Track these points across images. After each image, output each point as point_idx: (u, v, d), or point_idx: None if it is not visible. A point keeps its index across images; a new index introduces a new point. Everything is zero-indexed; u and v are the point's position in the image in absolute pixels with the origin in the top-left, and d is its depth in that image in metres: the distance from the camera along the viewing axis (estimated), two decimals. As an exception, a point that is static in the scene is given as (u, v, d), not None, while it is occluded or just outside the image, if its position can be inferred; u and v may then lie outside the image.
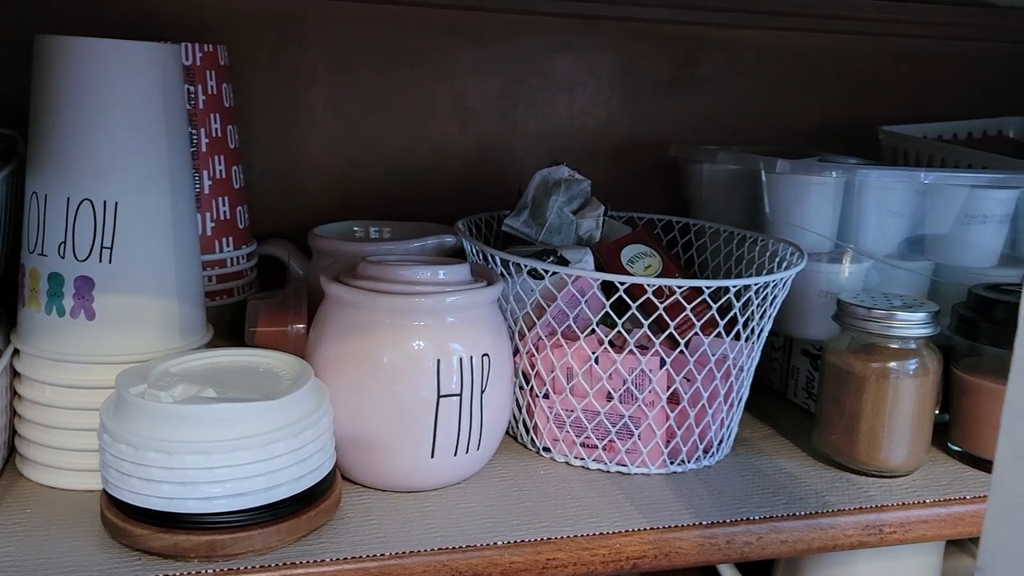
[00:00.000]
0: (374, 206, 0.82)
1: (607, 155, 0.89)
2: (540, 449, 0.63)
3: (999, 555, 0.30)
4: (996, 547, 0.30)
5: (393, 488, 0.56)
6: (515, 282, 0.61)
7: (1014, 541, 0.29)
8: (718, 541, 0.55)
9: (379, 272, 0.56)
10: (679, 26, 0.88)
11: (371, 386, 0.54)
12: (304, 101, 0.80)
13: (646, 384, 0.59)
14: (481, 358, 0.55)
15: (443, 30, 0.82)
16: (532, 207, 0.70)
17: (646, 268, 0.69)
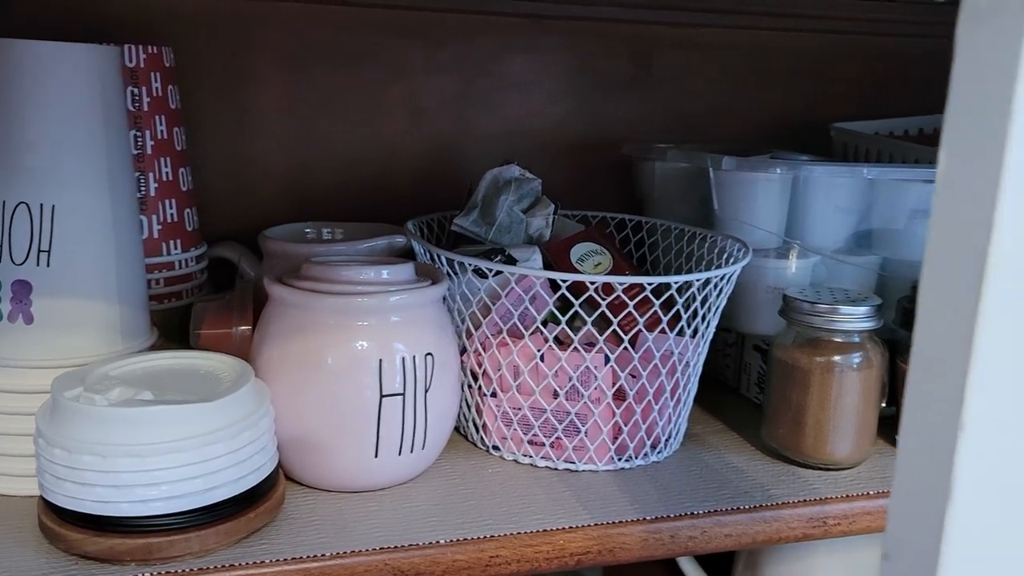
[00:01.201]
0: (328, 207, 0.82)
1: (562, 154, 0.89)
2: (489, 447, 0.63)
3: (904, 542, 0.30)
4: (900, 535, 0.31)
5: (338, 488, 0.56)
6: (461, 281, 0.61)
7: (917, 529, 0.30)
8: (662, 536, 0.56)
9: (322, 273, 0.56)
10: (633, 25, 0.88)
11: (313, 387, 0.54)
12: (255, 103, 0.80)
13: (591, 381, 0.59)
14: (425, 357, 0.55)
15: (395, 31, 0.82)
16: (482, 206, 0.70)
17: (596, 266, 0.69)
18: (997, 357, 0.27)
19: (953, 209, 0.27)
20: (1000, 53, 0.26)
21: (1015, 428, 0.28)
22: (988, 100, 0.26)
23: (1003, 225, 0.26)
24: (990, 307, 0.27)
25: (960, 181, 0.27)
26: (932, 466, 0.29)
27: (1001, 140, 0.26)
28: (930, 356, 0.29)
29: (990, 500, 0.29)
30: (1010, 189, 0.26)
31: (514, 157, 0.76)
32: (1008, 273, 0.27)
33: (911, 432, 0.30)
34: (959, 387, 0.28)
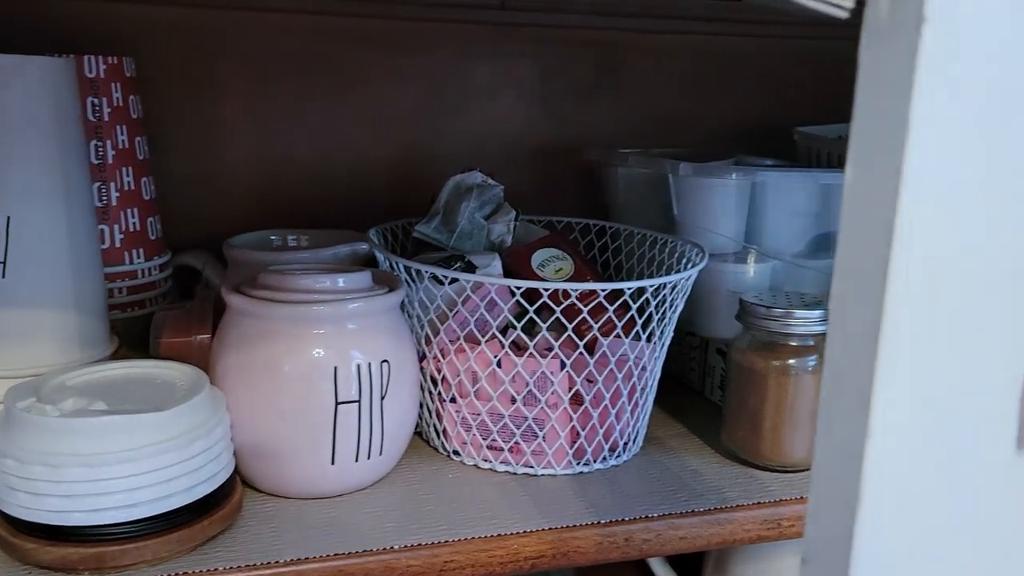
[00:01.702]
0: (296, 215, 0.83)
1: (528, 160, 0.90)
2: (450, 453, 0.64)
3: (822, 546, 0.31)
4: (818, 538, 0.31)
5: (295, 495, 0.57)
6: (418, 288, 0.61)
7: (834, 533, 0.30)
8: (616, 539, 0.56)
9: (278, 282, 0.57)
10: (598, 31, 0.89)
11: (269, 394, 0.54)
12: (222, 112, 0.80)
13: (548, 386, 0.60)
14: (381, 364, 0.56)
15: (361, 39, 0.83)
16: (444, 213, 0.71)
17: (557, 272, 0.69)
18: (900, 365, 0.28)
19: (857, 222, 0.28)
20: (897, 69, 0.26)
21: (920, 435, 0.29)
22: (887, 115, 0.27)
23: (903, 237, 0.27)
24: (892, 317, 0.28)
25: (864, 194, 0.28)
26: (842, 472, 0.29)
27: (899, 154, 0.27)
28: (839, 365, 0.30)
29: (897, 505, 0.29)
30: (909, 202, 0.27)
31: (481, 163, 0.76)
32: (908, 283, 0.27)
33: (823, 439, 0.30)
34: (866, 394, 0.28)
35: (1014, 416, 0.30)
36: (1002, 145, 0.27)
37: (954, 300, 0.28)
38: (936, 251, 0.27)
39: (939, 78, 0.26)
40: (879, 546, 0.29)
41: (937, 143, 0.26)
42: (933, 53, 0.26)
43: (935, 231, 0.27)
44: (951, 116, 0.26)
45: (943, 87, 0.26)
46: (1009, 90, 0.27)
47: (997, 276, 0.28)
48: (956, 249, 0.28)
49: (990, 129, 0.27)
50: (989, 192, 0.27)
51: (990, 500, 0.30)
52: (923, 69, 0.26)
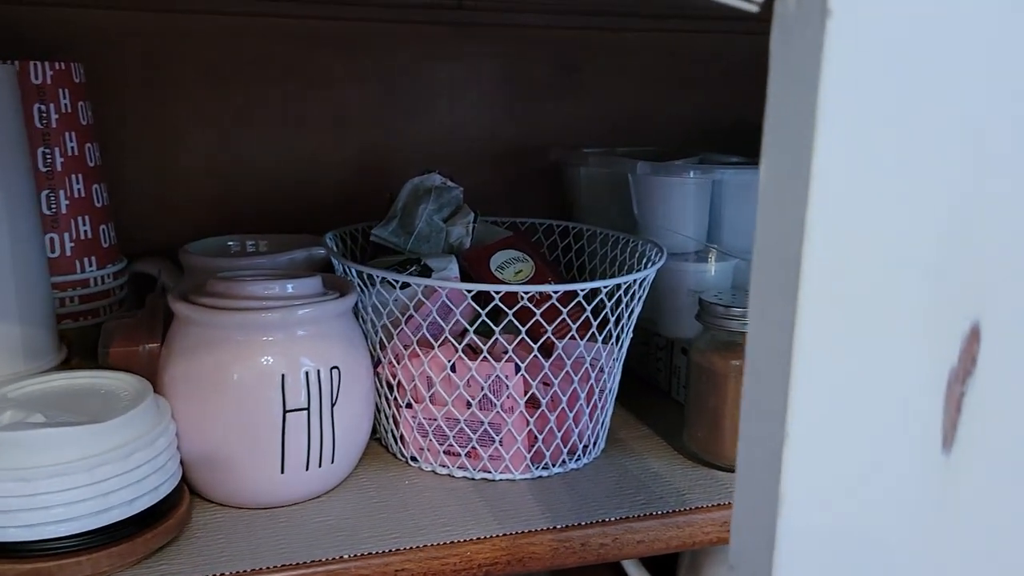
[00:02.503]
0: (254, 220, 0.82)
1: (491, 162, 0.89)
2: (408, 459, 0.63)
3: (746, 553, 0.30)
4: (742, 545, 0.31)
5: (246, 505, 0.56)
6: (372, 293, 0.61)
7: (757, 540, 0.30)
8: (572, 544, 0.55)
9: (225, 288, 0.56)
10: (559, 31, 0.88)
11: (217, 403, 0.53)
12: (177, 117, 0.79)
13: (503, 390, 0.59)
14: (330, 371, 0.55)
15: (317, 41, 0.82)
16: (402, 216, 0.70)
17: (517, 273, 0.69)
18: (816, 365, 0.27)
19: (770, 219, 0.28)
20: (804, 62, 0.26)
21: (841, 437, 0.28)
22: (796, 109, 0.26)
23: (814, 233, 0.26)
24: (806, 317, 0.27)
25: (776, 190, 0.27)
26: (763, 477, 0.29)
27: (808, 148, 0.26)
28: (757, 366, 0.29)
29: (820, 508, 0.29)
30: (819, 198, 0.26)
31: (443, 165, 0.76)
32: (821, 279, 0.27)
33: (744, 444, 0.30)
34: (782, 396, 0.28)
35: (939, 416, 0.29)
36: (913, 137, 0.26)
37: (871, 297, 0.27)
38: (849, 246, 0.27)
39: (845, 71, 0.25)
40: (802, 552, 0.29)
41: (845, 136, 0.26)
42: (838, 46, 0.25)
43: (847, 226, 0.27)
44: (859, 108, 0.26)
45: (850, 80, 0.25)
46: (917, 81, 0.26)
47: (916, 271, 0.28)
48: (871, 244, 0.27)
49: (900, 121, 0.26)
50: (901, 185, 0.27)
51: (918, 502, 0.30)
52: (829, 62, 0.25)
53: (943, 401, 0.29)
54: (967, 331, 0.28)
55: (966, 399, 0.29)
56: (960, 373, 0.29)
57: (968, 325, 0.28)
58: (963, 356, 0.29)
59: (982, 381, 0.29)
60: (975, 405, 0.29)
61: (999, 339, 0.29)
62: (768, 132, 0.27)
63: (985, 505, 0.30)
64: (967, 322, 0.28)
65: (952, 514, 0.30)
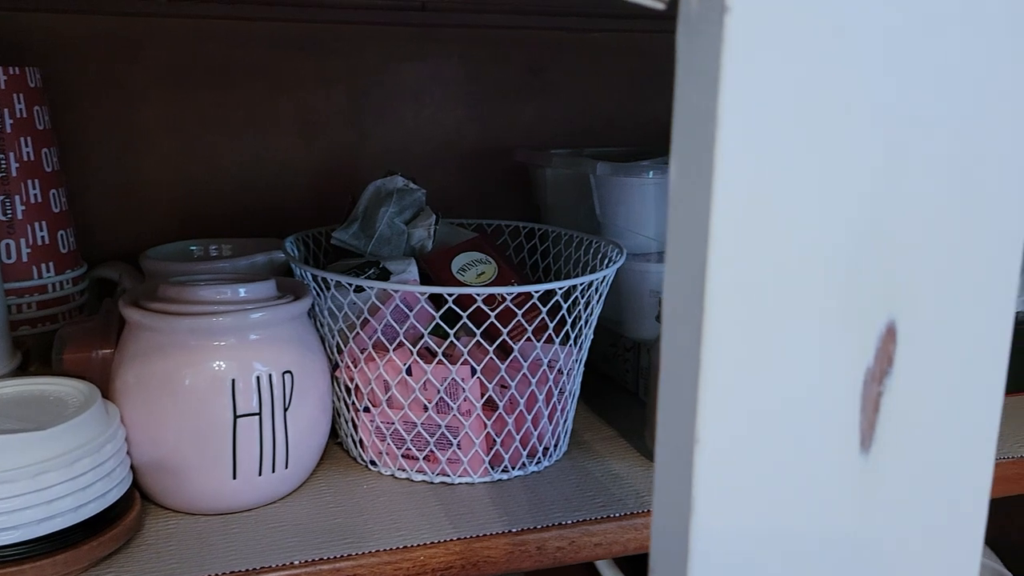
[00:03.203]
0: (221, 224, 0.81)
1: (458, 163, 0.89)
2: (368, 463, 0.62)
3: (663, 557, 0.30)
4: (659, 548, 0.30)
5: (199, 511, 0.56)
6: (327, 297, 0.60)
7: (672, 544, 0.29)
8: (528, 548, 0.55)
9: (177, 293, 0.55)
10: (526, 31, 0.88)
11: (167, 409, 0.53)
12: (140, 121, 0.79)
13: (459, 393, 0.58)
14: (283, 375, 0.55)
15: (283, 44, 0.81)
16: (363, 218, 0.69)
17: (479, 275, 0.68)
18: (725, 368, 0.27)
19: (678, 219, 0.27)
20: (706, 59, 0.25)
21: (753, 439, 0.28)
22: (699, 107, 0.26)
23: (718, 236, 0.26)
24: (714, 318, 0.26)
25: (683, 190, 0.27)
26: (676, 481, 0.28)
27: (711, 147, 0.25)
28: (669, 369, 0.29)
29: (734, 512, 0.28)
30: (723, 196, 0.26)
31: (410, 167, 0.76)
32: (728, 280, 0.26)
33: (660, 447, 0.29)
34: (692, 399, 0.27)
35: (856, 416, 0.29)
36: (819, 132, 0.26)
37: (782, 297, 0.27)
38: (757, 245, 0.26)
39: (746, 66, 0.25)
40: (718, 555, 0.28)
41: (749, 132, 0.25)
42: (738, 41, 0.25)
43: (754, 224, 0.26)
44: (762, 104, 0.25)
45: (751, 75, 0.25)
46: (820, 75, 0.26)
47: (828, 269, 0.27)
48: (780, 242, 0.27)
49: (804, 116, 0.26)
50: (809, 181, 0.26)
51: (837, 504, 0.29)
52: (729, 58, 0.25)
53: (860, 401, 0.28)
54: (883, 330, 0.28)
55: (884, 399, 0.29)
56: (877, 373, 0.28)
57: (884, 324, 0.28)
58: (879, 355, 0.28)
59: (900, 380, 0.29)
60: (893, 405, 0.29)
61: (916, 338, 0.28)
62: (675, 131, 0.27)
63: (906, 505, 0.30)
64: (883, 321, 0.28)
65: (872, 515, 0.29)
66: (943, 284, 0.28)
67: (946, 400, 0.29)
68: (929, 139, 0.27)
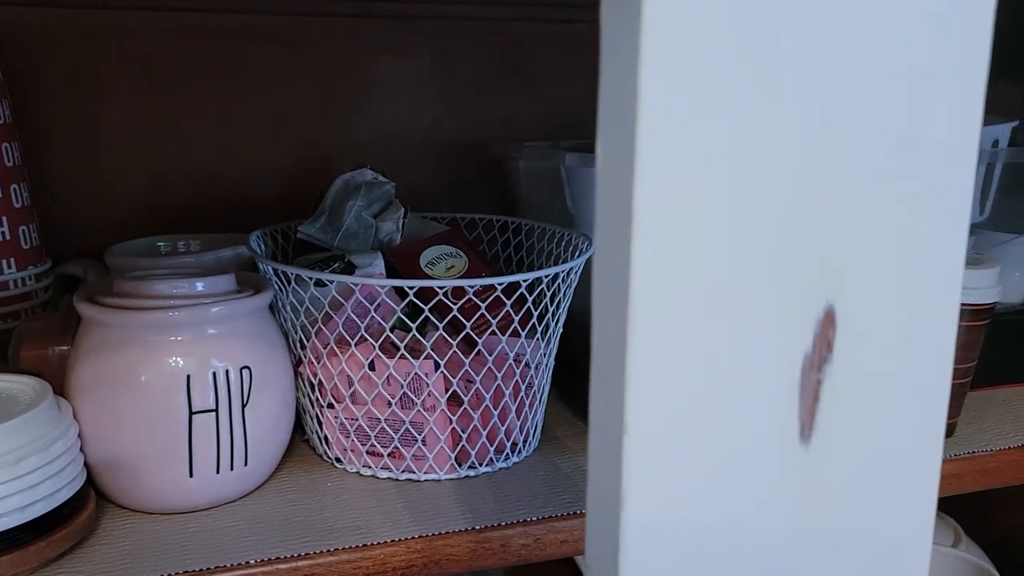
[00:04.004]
0: (192, 220, 0.80)
1: (434, 157, 0.88)
2: (334, 460, 0.61)
3: (596, 554, 0.29)
4: (594, 544, 0.29)
5: (156, 510, 0.54)
6: (289, 291, 0.59)
7: (605, 540, 0.28)
8: (492, 545, 0.54)
9: (132, 288, 0.54)
10: (501, 22, 0.87)
11: (122, 406, 0.52)
12: (107, 115, 0.78)
13: (423, 388, 0.57)
14: (240, 371, 0.54)
15: (253, 36, 0.80)
16: (330, 212, 0.68)
17: (449, 269, 0.67)
18: (651, 353, 0.26)
19: (604, 204, 0.26)
20: (627, 36, 0.24)
21: (686, 431, 0.27)
22: (621, 86, 0.25)
23: (643, 219, 0.25)
24: (639, 305, 0.25)
25: (607, 174, 0.26)
26: (607, 472, 0.27)
27: (632, 128, 0.24)
28: (599, 358, 0.28)
29: (666, 506, 0.27)
30: (645, 178, 0.25)
31: (384, 162, 0.74)
32: (653, 266, 0.25)
33: (592, 438, 0.28)
34: (619, 389, 0.26)
35: (795, 405, 0.28)
36: (749, 111, 0.25)
37: (711, 282, 0.26)
38: (684, 228, 0.25)
39: (667, 43, 0.24)
40: (649, 548, 0.27)
41: (671, 111, 0.24)
42: (658, 18, 0.24)
43: (680, 208, 0.25)
44: (684, 81, 0.24)
45: (672, 52, 0.24)
46: (749, 52, 0.25)
47: (761, 252, 0.26)
48: (708, 225, 0.25)
49: (732, 95, 0.25)
50: (739, 160, 0.25)
51: (777, 496, 0.28)
52: (649, 34, 0.24)
53: (798, 389, 0.27)
54: (820, 315, 0.27)
55: (824, 387, 0.27)
56: (815, 360, 0.27)
57: (821, 308, 0.27)
58: (818, 342, 0.27)
59: (840, 368, 0.27)
60: (834, 393, 0.28)
61: (856, 323, 0.27)
62: (601, 116, 0.26)
63: (850, 496, 0.28)
64: (820, 305, 0.27)
65: (815, 506, 0.28)
66: (884, 267, 0.27)
67: (890, 388, 0.28)
68: (866, 116, 0.26)
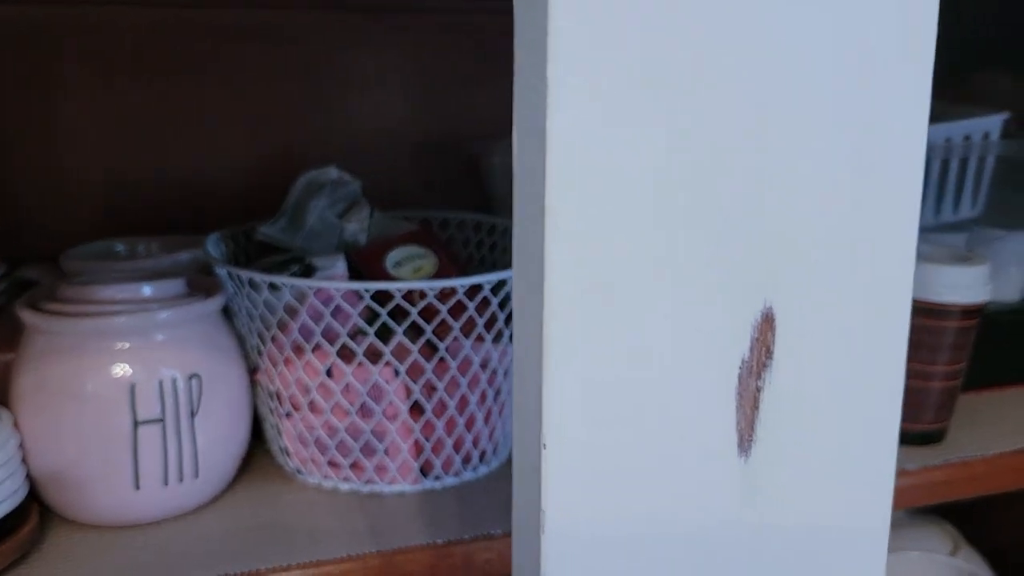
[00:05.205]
0: (155, 221, 0.78)
1: (408, 154, 0.85)
2: (294, 471, 0.59)
3: (522, 568, 0.26)
4: (519, 560, 0.27)
5: (102, 523, 0.52)
6: (244, 295, 0.57)
7: (529, 555, 0.26)
8: (454, 560, 0.51)
9: (75, 293, 0.52)
10: (476, 15, 0.84)
11: (64, 416, 0.50)
12: (69, 115, 0.75)
13: (384, 396, 0.55)
14: (189, 380, 0.51)
15: (222, 32, 0.78)
16: (293, 212, 0.66)
17: (416, 271, 0.65)
18: (571, 369, 0.23)
19: (521, 213, 0.24)
20: (536, 16, 0.22)
21: (603, 443, 0.24)
22: (532, 71, 0.22)
23: (556, 210, 0.22)
24: (555, 311, 0.23)
25: (522, 166, 0.23)
26: (528, 486, 0.25)
27: (542, 119, 0.22)
28: (519, 368, 0.25)
29: (583, 520, 0.25)
30: (557, 169, 0.22)
31: (357, 159, 0.72)
32: (568, 269, 0.23)
33: (515, 451, 0.26)
34: (537, 401, 0.24)
35: (732, 415, 0.25)
36: (670, 100, 0.22)
37: (630, 286, 0.23)
38: (601, 224, 0.23)
39: (576, 26, 0.21)
40: (573, 564, 0.25)
41: (582, 109, 0.22)
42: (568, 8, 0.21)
43: (597, 200, 0.23)
44: (598, 66, 0.22)
45: (585, 39, 0.21)
46: (681, 46, 0.22)
47: (689, 248, 0.24)
48: (629, 220, 0.23)
49: (656, 93, 0.22)
50: (663, 154, 0.23)
51: (715, 515, 0.26)
52: (555, 15, 0.21)
53: (735, 398, 0.25)
54: (758, 316, 0.24)
55: (764, 395, 0.25)
56: (754, 365, 0.25)
57: (759, 309, 0.24)
58: (756, 346, 0.24)
59: (781, 374, 0.25)
60: (775, 401, 0.25)
61: (798, 325, 0.25)
62: (516, 108, 0.24)
63: (794, 514, 0.26)
64: (758, 306, 0.24)
65: (756, 526, 0.26)
66: (828, 265, 0.24)
67: (838, 394, 0.25)
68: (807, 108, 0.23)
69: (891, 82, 0.23)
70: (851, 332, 0.25)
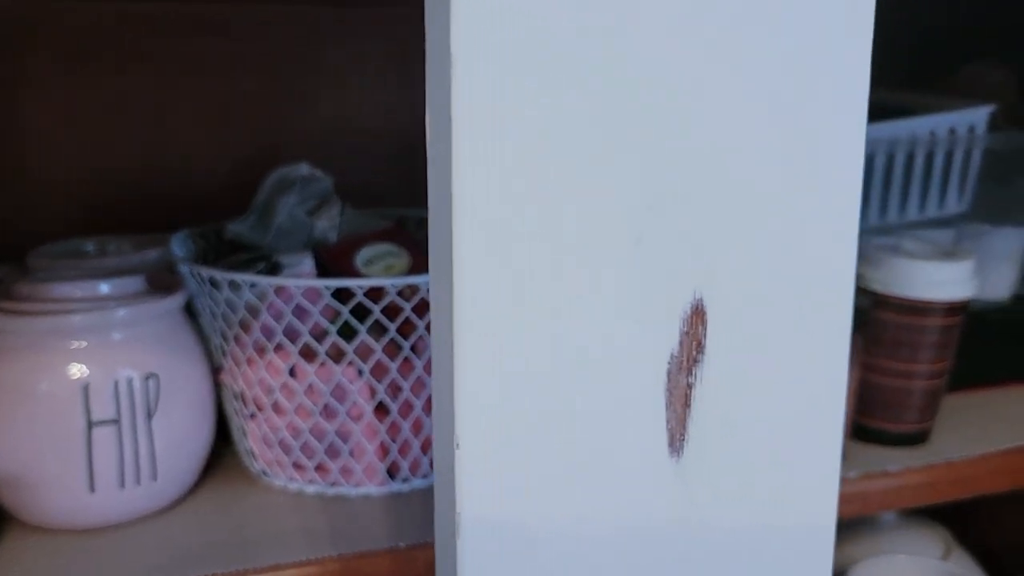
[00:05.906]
0: (127, 220, 0.77)
1: (387, 151, 0.84)
2: (260, 473, 0.58)
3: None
4: (442, 567, 0.25)
5: (58, 526, 0.51)
6: (207, 293, 0.56)
7: (449, 564, 0.24)
8: (417, 564, 0.50)
9: (31, 291, 0.51)
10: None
11: (17, 416, 0.49)
12: (33, 111, 0.74)
13: (347, 396, 0.54)
14: (146, 380, 0.50)
15: (191, 25, 0.76)
16: (262, 210, 0.65)
17: (388, 269, 0.63)
18: (479, 360, 0.22)
19: (434, 205, 0.22)
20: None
21: (522, 443, 0.23)
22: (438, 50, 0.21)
23: (464, 198, 0.21)
24: (464, 301, 0.22)
25: (434, 159, 0.22)
26: (444, 489, 0.24)
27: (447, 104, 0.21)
28: (436, 362, 0.24)
29: (499, 527, 0.23)
30: (464, 155, 0.21)
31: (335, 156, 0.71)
32: (478, 263, 0.21)
33: (436, 453, 0.24)
34: (450, 400, 0.22)
35: (661, 412, 0.24)
36: (594, 92, 0.21)
37: (546, 277, 0.22)
38: (513, 215, 0.21)
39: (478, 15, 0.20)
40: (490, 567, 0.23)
41: (492, 88, 0.21)
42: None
43: (506, 188, 0.21)
44: (507, 46, 0.20)
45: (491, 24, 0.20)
46: (599, 31, 0.21)
47: (611, 237, 0.22)
48: (546, 207, 0.22)
49: (573, 78, 0.21)
50: (581, 139, 0.21)
51: (645, 518, 0.24)
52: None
53: (664, 395, 0.23)
54: (688, 309, 0.23)
55: (696, 392, 0.24)
56: (684, 361, 0.23)
57: (689, 301, 0.23)
58: (686, 340, 0.23)
59: (714, 370, 0.23)
60: (708, 399, 0.24)
61: (732, 318, 0.23)
62: (428, 102, 0.22)
63: (732, 517, 0.24)
64: (687, 297, 0.23)
65: (691, 529, 0.24)
66: (764, 256, 0.23)
67: (775, 391, 0.24)
68: (739, 92, 0.22)
69: (827, 63, 0.22)
70: (789, 325, 0.23)
